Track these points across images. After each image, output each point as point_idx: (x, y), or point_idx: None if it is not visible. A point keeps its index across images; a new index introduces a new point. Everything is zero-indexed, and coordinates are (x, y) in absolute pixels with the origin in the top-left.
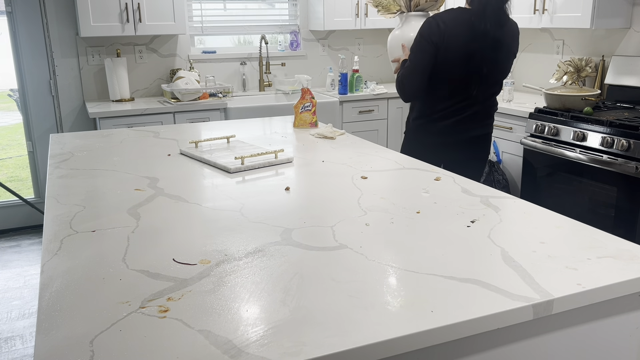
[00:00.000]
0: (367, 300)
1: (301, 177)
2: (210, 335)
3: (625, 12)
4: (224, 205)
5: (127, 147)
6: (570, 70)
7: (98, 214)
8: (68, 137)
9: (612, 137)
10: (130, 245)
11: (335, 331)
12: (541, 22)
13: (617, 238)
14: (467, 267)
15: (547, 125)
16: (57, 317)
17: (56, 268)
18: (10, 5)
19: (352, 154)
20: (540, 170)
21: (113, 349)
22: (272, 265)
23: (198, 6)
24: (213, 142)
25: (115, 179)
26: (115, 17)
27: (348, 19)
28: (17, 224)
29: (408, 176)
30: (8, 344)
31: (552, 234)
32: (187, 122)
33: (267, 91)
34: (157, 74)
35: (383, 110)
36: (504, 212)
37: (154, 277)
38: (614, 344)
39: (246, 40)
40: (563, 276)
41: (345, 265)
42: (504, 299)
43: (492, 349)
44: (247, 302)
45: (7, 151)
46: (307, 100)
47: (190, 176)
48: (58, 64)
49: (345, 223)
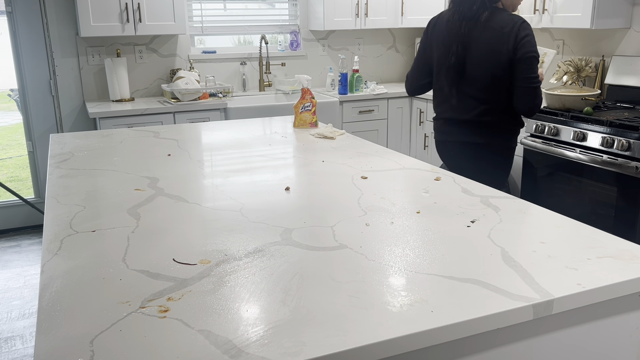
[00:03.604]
0: (367, 300)
1: (301, 177)
2: (210, 335)
3: (625, 12)
4: (224, 205)
5: (127, 147)
6: (570, 70)
7: (98, 214)
8: (68, 137)
9: (612, 137)
10: (130, 245)
11: (335, 331)
12: (541, 22)
13: (617, 238)
14: (467, 267)
15: (547, 125)
16: (57, 317)
17: (56, 268)
18: (10, 5)
19: (352, 154)
20: (540, 170)
21: (113, 349)
22: (272, 265)
23: (198, 6)
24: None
25: (115, 179)
26: (115, 17)
27: (348, 19)
28: (17, 224)
29: (408, 176)
30: (8, 344)
31: (552, 234)
32: (187, 122)
33: (267, 91)
34: (157, 74)
35: (383, 110)
36: (504, 212)
37: (154, 277)
38: (614, 344)
39: (246, 40)
40: (563, 276)
41: (345, 265)
42: (504, 299)
43: (492, 349)
44: (247, 302)
45: (7, 151)
46: (307, 100)
47: (190, 176)
48: (58, 64)
49: (345, 223)
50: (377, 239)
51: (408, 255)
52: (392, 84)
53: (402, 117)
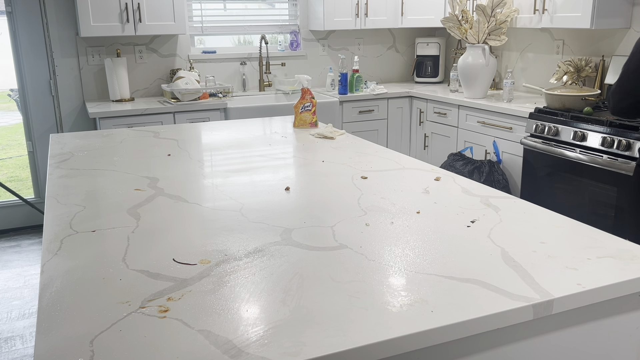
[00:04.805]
0: (367, 300)
1: (301, 177)
2: (210, 335)
3: (625, 12)
4: (224, 205)
5: (127, 147)
6: (570, 70)
7: (98, 214)
8: (68, 137)
9: (612, 137)
10: (130, 245)
11: (335, 331)
12: (541, 22)
13: (617, 238)
14: (467, 267)
15: (547, 125)
16: (57, 317)
17: (56, 268)
18: (10, 5)
19: (352, 154)
20: (540, 170)
21: (113, 349)
22: (272, 265)
23: (198, 6)
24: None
25: (115, 179)
26: (115, 17)
27: (348, 19)
28: (17, 224)
29: (408, 176)
30: (8, 344)
31: (552, 234)
32: (187, 122)
33: (267, 91)
34: (157, 74)
35: (383, 110)
36: (504, 212)
37: (154, 277)
38: (614, 344)
39: (246, 40)
40: (563, 276)
41: (345, 265)
42: (504, 299)
43: (492, 349)
44: (247, 302)
45: (7, 151)
46: (307, 100)
47: (190, 176)
48: (58, 64)
49: (345, 223)
50: (377, 239)
51: (408, 255)
52: (392, 84)
53: (402, 117)
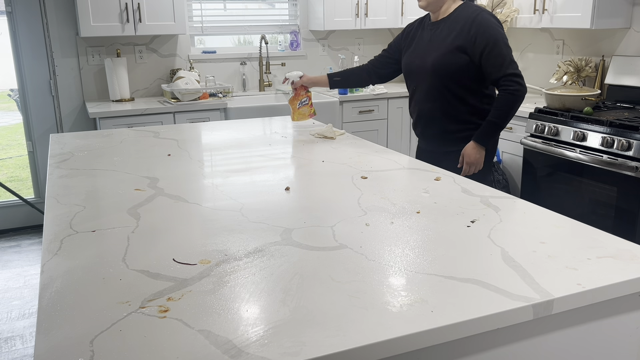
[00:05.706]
0: (367, 300)
1: (301, 177)
2: (210, 335)
3: (625, 12)
4: (224, 205)
5: (127, 147)
6: (570, 70)
7: (98, 214)
8: (68, 137)
9: (612, 137)
10: (130, 245)
11: (335, 331)
12: (541, 22)
13: (617, 238)
14: (467, 267)
15: (547, 125)
16: (57, 317)
17: (56, 268)
18: (10, 5)
19: (352, 154)
20: (540, 170)
21: (113, 349)
22: (272, 265)
23: (198, 6)
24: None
25: (115, 179)
26: (115, 17)
27: (348, 19)
28: (17, 224)
29: (408, 176)
30: (8, 344)
31: (552, 234)
32: (187, 122)
33: (267, 91)
34: (157, 74)
35: (383, 110)
36: (504, 212)
37: (154, 277)
38: (614, 344)
39: (246, 40)
40: (563, 276)
41: (345, 265)
42: (504, 299)
43: (492, 349)
44: (247, 302)
45: (7, 151)
46: (302, 96)
47: (190, 176)
48: (58, 64)
49: (345, 223)
50: (377, 239)
51: (408, 255)
52: (392, 84)
53: (402, 117)
